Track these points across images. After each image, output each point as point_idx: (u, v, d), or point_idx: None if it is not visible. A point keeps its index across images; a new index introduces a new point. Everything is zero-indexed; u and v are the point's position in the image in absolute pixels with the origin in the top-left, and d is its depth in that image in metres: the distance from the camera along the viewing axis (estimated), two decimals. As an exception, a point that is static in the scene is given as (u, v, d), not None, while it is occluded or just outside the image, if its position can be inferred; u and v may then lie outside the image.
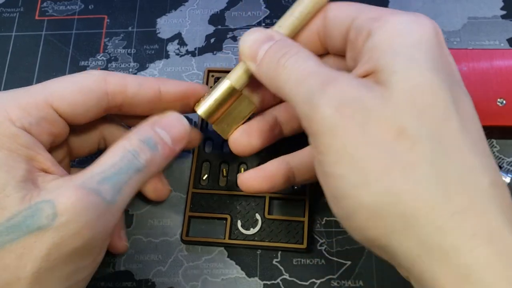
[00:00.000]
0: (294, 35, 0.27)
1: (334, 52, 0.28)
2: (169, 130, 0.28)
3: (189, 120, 0.34)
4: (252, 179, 0.29)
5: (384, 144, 0.20)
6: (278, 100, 0.31)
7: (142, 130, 0.27)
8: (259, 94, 0.30)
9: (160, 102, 0.28)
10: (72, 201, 0.23)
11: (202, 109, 0.28)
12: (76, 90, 0.25)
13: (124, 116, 0.31)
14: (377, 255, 0.22)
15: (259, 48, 0.25)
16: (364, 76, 0.22)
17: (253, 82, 0.28)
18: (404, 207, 0.19)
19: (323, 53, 0.29)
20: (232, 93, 0.28)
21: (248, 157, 0.32)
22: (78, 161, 0.35)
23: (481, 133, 0.21)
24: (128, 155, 0.26)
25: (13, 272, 0.22)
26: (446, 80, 0.21)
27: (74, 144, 0.31)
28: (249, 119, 0.30)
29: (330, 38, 0.27)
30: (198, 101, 0.29)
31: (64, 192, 0.23)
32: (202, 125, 0.36)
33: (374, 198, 0.20)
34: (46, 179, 0.24)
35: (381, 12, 0.24)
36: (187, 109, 0.30)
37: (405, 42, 0.22)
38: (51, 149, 0.27)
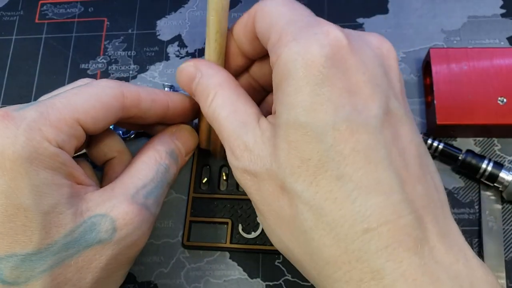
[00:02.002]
0: (235, 34, 0.28)
1: None
2: (184, 142, 0.30)
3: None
4: None
5: (273, 202, 0.22)
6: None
7: (166, 142, 0.29)
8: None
9: (166, 116, 0.29)
10: (130, 217, 0.25)
11: (219, 156, 0.33)
12: (99, 106, 0.25)
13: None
14: None
15: (190, 86, 0.27)
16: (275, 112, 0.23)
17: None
18: (294, 254, 0.22)
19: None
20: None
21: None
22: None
23: (378, 167, 0.20)
24: (161, 168, 0.28)
25: (74, 284, 0.23)
26: (326, 123, 0.20)
27: None
28: None
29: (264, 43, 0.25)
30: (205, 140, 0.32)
31: (119, 206, 0.25)
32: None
33: (277, 244, 0.24)
34: (88, 191, 0.25)
35: (280, 37, 0.22)
36: (187, 121, 0.31)
37: (288, 88, 0.21)
38: None
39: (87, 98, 0.25)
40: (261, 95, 0.31)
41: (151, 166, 0.27)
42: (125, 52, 0.41)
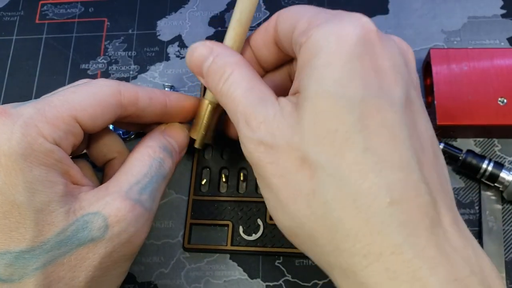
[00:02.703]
0: (256, 44, 0.29)
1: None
2: (176, 138, 0.30)
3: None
4: None
5: (290, 174, 0.22)
6: None
7: (157, 139, 0.29)
8: None
9: (165, 115, 0.29)
10: (122, 213, 0.24)
11: (198, 144, 0.31)
12: (96, 103, 0.25)
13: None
14: None
15: (202, 65, 0.27)
16: (295, 93, 0.23)
17: None
18: (308, 229, 0.22)
19: (289, 58, 0.29)
20: (216, 109, 0.30)
21: (246, 161, 0.32)
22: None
23: (402, 144, 0.21)
24: (155, 163, 0.27)
25: (67, 283, 0.23)
26: (355, 97, 0.21)
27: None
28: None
29: (285, 49, 0.27)
30: (193, 129, 0.31)
31: (112, 203, 0.24)
32: None
33: (288, 221, 0.23)
34: (82, 190, 0.25)
35: (310, 22, 0.24)
36: (185, 120, 0.31)
37: (319, 62, 0.22)
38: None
39: (84, 96, 0.25)
40: None
41: (144, 161, 0.27)
42: (125, 52, 0.41)
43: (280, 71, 0.30)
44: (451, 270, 0.19)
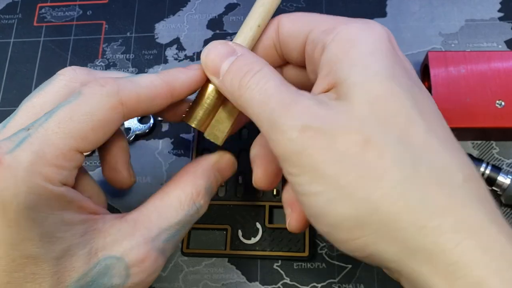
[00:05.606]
0: (253, 47, 0.27)
1: (294, 63, 0.28)
2: (223, 174, 0.29)
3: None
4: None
5: (353, 156, 0.20)
6: None
7: (207, 175, 0.27)
8: None
9: (170, 103, 0.27)
10: (145, 265, 0.24)
11: (194, 121, 0.27)
12: (98, 125, 0.23)
13: None
14: (369, 263, 0.22)
15: (221, 63, 0.25)
16: (327, 90, 0.23)
17: None
18: (383, 213, 0.19)
19: (282, 63, 0.29)
20: (218, 98, 0.27)
21: (247, 166, 0.30)
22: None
23: (447, 130, 0.22)
24: (193, 209, 0.26)
25: None
26: (405, 84, 0.21)
27: None
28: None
29: (288, 51, 0.27)
30: (187, 111, 0.28)
31: (136, 251, 0.24)
32: (199, 137, 0.36)
33: (354, 209, 0.20)
34: (106, 221, 0.24)
35: (333, 22, 0.24)
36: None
37: (359, 52, 0.22)
38: None
39: (83, 120, 0.23)
40: None
41: (184, 206, 0.26)
42: (123, 55, 0.41)
43: None
44: None
